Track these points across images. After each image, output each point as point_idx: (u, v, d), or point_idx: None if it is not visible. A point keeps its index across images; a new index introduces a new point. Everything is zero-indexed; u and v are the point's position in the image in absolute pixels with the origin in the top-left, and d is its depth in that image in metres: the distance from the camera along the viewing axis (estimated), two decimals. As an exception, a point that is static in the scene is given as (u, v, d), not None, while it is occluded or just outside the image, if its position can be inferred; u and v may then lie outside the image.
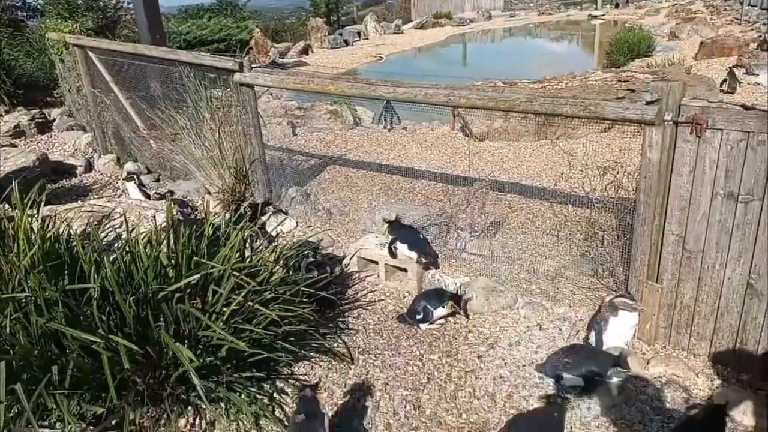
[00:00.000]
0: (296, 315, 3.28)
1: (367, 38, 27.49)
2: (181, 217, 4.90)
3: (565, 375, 3.05)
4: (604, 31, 25.18)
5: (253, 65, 5.28)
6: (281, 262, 3.99)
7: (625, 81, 7.32)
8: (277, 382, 3.20)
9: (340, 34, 25.37)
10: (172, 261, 3.34)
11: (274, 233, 5.17)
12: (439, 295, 3.72)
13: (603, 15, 31.64)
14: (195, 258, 3.30)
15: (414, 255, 4.17)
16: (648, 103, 3.08)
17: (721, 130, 2.91)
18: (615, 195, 3.92)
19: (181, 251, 3.32)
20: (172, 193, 6.16)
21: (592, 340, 3.30)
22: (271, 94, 11.02)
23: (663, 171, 3.13)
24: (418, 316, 3.68)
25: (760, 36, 15.52)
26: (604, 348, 3.21)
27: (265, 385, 3.15)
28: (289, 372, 3.30)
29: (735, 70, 10.88)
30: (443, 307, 3.65)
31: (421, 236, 4.32)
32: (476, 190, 4.44)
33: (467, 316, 3.73)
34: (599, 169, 4.12)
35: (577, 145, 6.40)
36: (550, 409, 2.76)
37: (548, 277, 4.00)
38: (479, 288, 3.94)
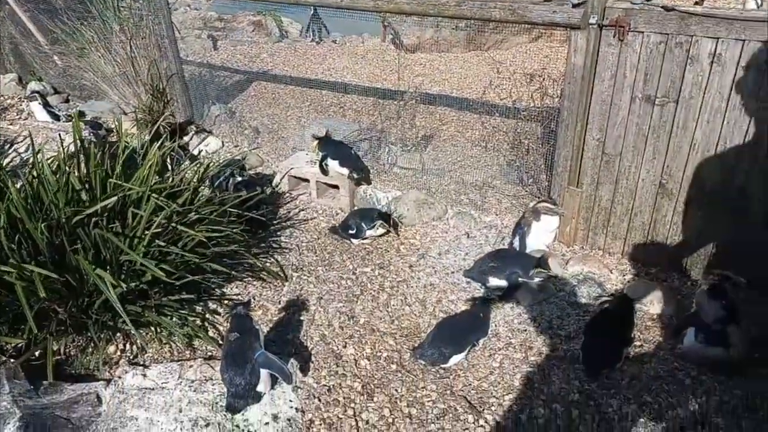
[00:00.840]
0: (225, 236, 3.20)
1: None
2: (94, 139, 4.58)
3: (491, 278, 3.19)
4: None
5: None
6: (207, 182, 3.84)
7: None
8: (210, 303, 3.17)
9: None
10: (86, 184, 3.13)
11: (198, 153, 4.95)
12: (371, 215, 3.72)
13: None
14: (110, 180, 3.11)
15: (345, 171, 4.11)
16: (574, 6, 3.05)
17: (642, 32, 2.93)
18: (540, 103, 3.96)
19: (94, 173, 3.11)
20: (83, 114, 5.71)
21: (516, 244, 3.43)
22: (189, 6, 10.20)
23: (587, 76, 3.16)
24: (351, 231, 3.69)
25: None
26: (527, 251, 3.36)
27: (197, 307, 3.11)
28: (222, 293, 3.27)
29: None
30: (374, 227, 3.67)
31: (353, 152, 4.25)
32: (406, 102, 4.37)
33: (398, 234, 3.77)
34: (526, 76, 4.12)
35: (507, 54, 6.36)
36: (476, 310, 2.89)
37: (476, 188, 4.08)
38: (410, 201, 3.97)
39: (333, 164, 4.15)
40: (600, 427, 2.32)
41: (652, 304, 2.96)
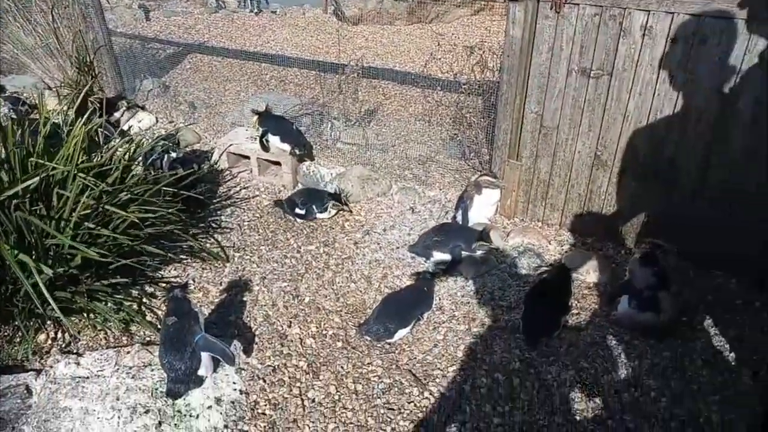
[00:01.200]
0: (160, 216, 3.07)
1: None
2: (14, 116, 4.27)
3: (434, 252, 3.21)
4: None
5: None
6: (139, 160, 3.67)
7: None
8: (147, 287, 3.05)
9: None
10: (4, 164, 2.92)
11: (130, 130, 4.71)
12: (321, 196, 3.66)
13: None
14: (31, 159, 2.90)
15: (287, 147, 4.01)
16: (512, -22, 3.04)
17: (578, 5, 2.96)
18: (481, 76, 3.97)
19: (13, 152, 2.90)
20: (2, 89, 5.31)
21: (459, 218, 3.46)
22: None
23: (525, 48, 3.18)
24: (299, 211, 3.62)
25: None
26: (470, 224, 3.40)
27: (134, 291, 2.98)
28: (159, 275, 3.15)
29: None
30: (326, 210, 3.61)
31: (294, 127, 4.15)
32: (347, 76, 4.29)
33: (351, 211, 3.72)
34: (467, 49, 4.12)
35: (449, 27, 6.34)
36: (420, 285, 2.91)
37: (420, 163, 4.08)
38: (354, 177, 3.93)
39: (274, 140, 4.04)
40: (540, 394, 2.39)
41: (588, 273, 3.07)
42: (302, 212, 3.63)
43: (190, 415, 2.33)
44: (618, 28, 2.90)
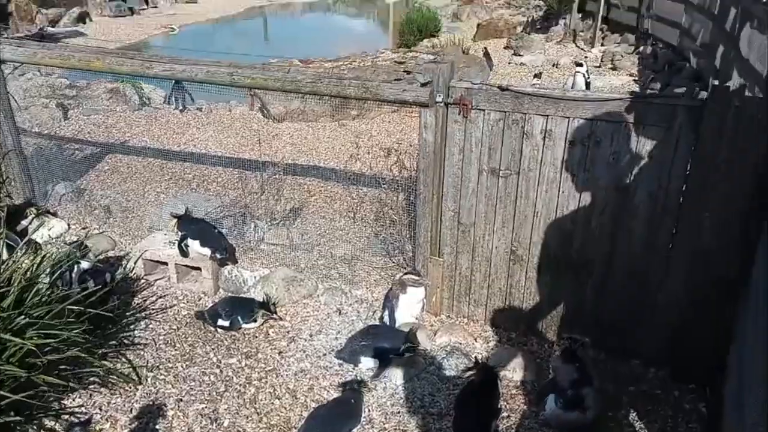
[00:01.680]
0: (62, 340, 2.83)
1: (156, 6, 25.10)
2: None
3: (362, 358, 3.12)
4: (397, 10, 26.42)
5: (12, 36, 4.39)
6: (44, 274, 3.42)
7: (405, 62, 7.74)
8: (45, 421, 2.75)
9: (124, 1, 22.75)
10: None
11: (39, 239, 4.44)
12: (249, 305, 3.52)
13: (396, -6, 33.25)
14: None
15: (207, 251, 3.89)
16: (422, 85, 3.20)
17: (483, 110, 3.14)
18: (399, 175, 4.08)
19: None
20: None
21: (386, 318, 3.42)
22: (39, 71, 9.46)
23: (438, 151, 3.31)
24: (223, 323, 3.45)
25: (525, 19, 17.62)
26: (397, 325, 3.35)
27: (30, 429, 2.68)
28: (61, 406, 2.86)
29: (492, 50, 12.41)
30: (254, 320, 3.48)
31: (216, 230, 4.05)
32: (269, 177, 4.29)
33: (280, 318, 3.59)
34: (383, 150, 4.25)
35: (371, 125, 6.58)
36: (347, 397, 2.79)
37: (345, 261, 4.05)
38: (279, 279, 3.84)
39: (194, 244, 3.91)
40: None
41: (515, 371, 3.06)
42: (226, 324, 3.47)
43: None
44: (521, 132, 3.09)
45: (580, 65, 8.19)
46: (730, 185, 2.62)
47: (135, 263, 3.99)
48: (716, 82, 2.88)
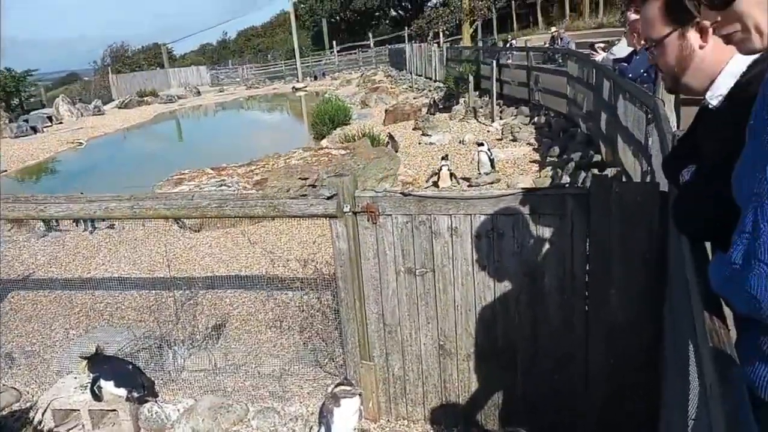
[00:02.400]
0: None
1: (61, 122, 24.65)
2: None
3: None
4: (309, 102, 27.36)
5: None
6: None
7: (318, 159, 7.97)
8: None
9: (26, 121, 22.21)
10: None
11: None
12: None
13: (305, 87, 34.54)
14: None
15: (123, 392, 3.62)
16: (328, 198, 3.27)
17: (391, 215, 3.24)
18: (320, 284, 4.07)
19: None
20: None
21: (323, 437, 3.26)
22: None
23: (353, 257, 3.34)
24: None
25: (429, 101, 18.75)
26: (334, 443, 3.20)
27: None
28: None
29: (402, 133, 12.97)
30: None
31: (131, 367, 3.79)
32: (184, 303, 4.14)
33: None
34: (299, 262, 4.24)
35: (293, 222, 6.57)
36: None
37: (275, 378, 3.89)
38: (205, 409, 3.61)
39: (107, 386, 3.63)
40: None
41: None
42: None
43: None
44: (429, 231, 3.19)
45: (482, 144, 8.73)
46: (627, 263, 2.80)
47: (43, 415, 3.64)
48: (596, 171, 3.14)
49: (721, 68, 1.62)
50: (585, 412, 3.13)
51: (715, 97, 1.66)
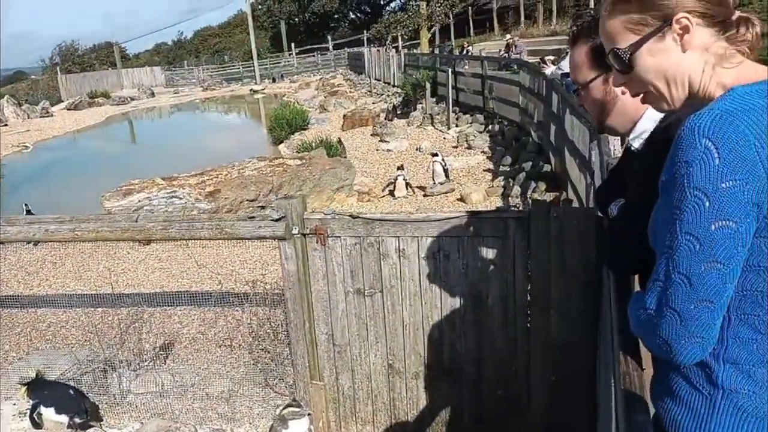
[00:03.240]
0: None
1: (6, 124, 23.64)
2: None
3: None
4: (267, 104, 27.07)
5: None
6: None
7: (273, 169, 7.90)
8: None
9: (-33, 123, 21.20)
10: None
11: None
12: None
13: (263, 89, 34.16)
14: None
15: (64, 419, 3.52)
16: (276, 220, 3.26)
17: (339, 237, 3.26)
18: (269, 306, 4.05)
19: None
20: None
21: (271, 461, 3.25)
22: None
23: (302, 279, 3.34)
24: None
25: (387, 106, 18.85)
26: (283, 466, 3.20)
27: None
28: None
29: (360, 139, 13.20)
30: None
31: (72, 391, 3.69)
32: (130, 324, 4.04)
33: None
34: (249, 283, 4.21)
35: (239, 245, 6.49)
36: None
37: (224, 399, 3.85)
38: (151, 433, 3.54)
39: (48, 412, 3.53)
40: None
41: (406, 494, 3.02)
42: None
43: None
44: (377, 253, 3.23)
45: (436, 155, 8.84)
46: (565, 285, 2.90)
47: (-23, 447, 3.49)
48: (535, 196, 3.24)
49: (642, 113, 1.71)
50: (529, 428, 3.23)
51: (636, 139, 1.75)
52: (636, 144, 1.77)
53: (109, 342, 3.91)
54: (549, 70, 7.34)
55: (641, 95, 1.30)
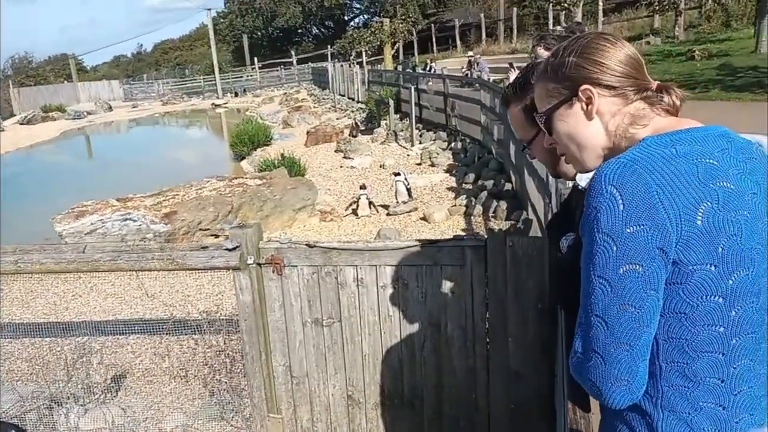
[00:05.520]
0: None
1: (-50, 139, 22.64)
2: None
3: None
4: (230, 119, 26.74)
5: None
6: None
7: (232, 190, 7.78)
8: None
9: None
10: None
11: None
12: None
13: (225, 103, 33.77)
14: None
15: (4, 462, 3.32)
16: (230, 250, 3.18)
17: (297, 266, 3.20)
18: (223, 335, 3.95)
19: None
20: None
21: (226, 500, 3.14)
22: None
23: (258, 309, 3.26)
24: None
25: (351, 122, 18.88)
26: (238, 506, 3.09)
27: None
28: None
29: (324, 155, 13.12)
30: None
31: (14, 431, 3.49)
32: (78, 357, 3.87)
33: None
34: (203, 313, 4.10)
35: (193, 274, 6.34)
36: None
37: (178, 434, 3.71)
38: (99, 474, 3.38)
39: (-13, 456, 3.32)
40: None
41: None
42: None
43: None
44: (335, 282, 3.18)
45: (398, 174, 8.87)
46: (521, 313, 2.91)
47: None
48: (493, 227, 3.25)
49: None
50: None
51: (583, 179, 1.77)
52: (583, 183, 1.80)
53: (55, 377, 3.73)
54: (513, 75, 7.45)
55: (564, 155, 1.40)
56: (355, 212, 8.78)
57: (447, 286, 3.06)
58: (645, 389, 1.16)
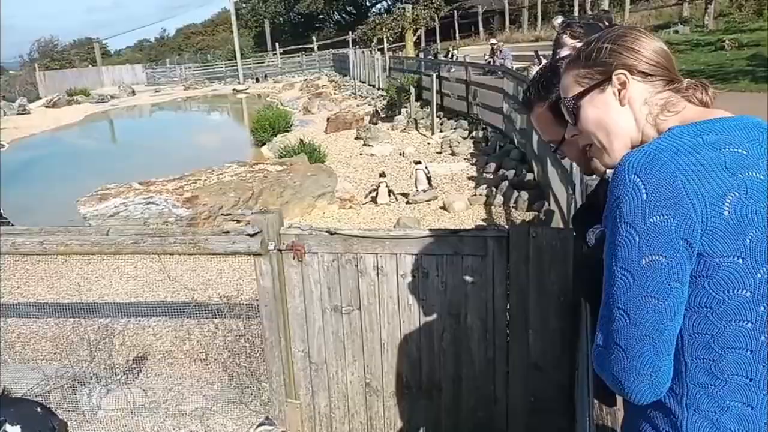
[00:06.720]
0: None
1: (-21, 122, 23.09)
2: None
3: None
4: (250, 104, 26.82)
5: None
6: None
7: (253, 175, 7.81)
8: None
9: (-64, 121, 20.71)
10: None
11: None
12: None
13: (246, 89, 33.85)
14: None
15: (29, 438, 3.39)
16: (251, 236, 3.19)
17: (317, 253, 3.19)
18: (243, 320, 3.97)
19: None
20: None
21: (244, 483, 3.18)
22: None
23: (278, 295, 3.27)
24: None
25: (371, 109, 18.79)
26: (256, 489, 3.12)
27: None
28: None
29: (344, 143, 13.13)
30: None
31: (40, 409, 3.56)
32: (101, 338, 3.93)
33: None
34: (222, 298, 4.13)
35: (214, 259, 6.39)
36: None
37: (197, 417, 3.76)
38: (121, 452, 3.44)
39: (14, 431, 3.39)
40: None
41: None
42: None
43: None
44: (355, 270, 3.17)
45: (419, 163, 8.81)
46: (543, 305, 2.87)
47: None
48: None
49: None
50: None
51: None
52: (609, 174, 1.74)
53: (78, 357, 3.80)
54: (535, 69, 7.32)
55: (589, 153, 1.39)
56: (374, 200, 8.76)
57: (468, 275, 3.02)
58: (670, 386, 1.13)
